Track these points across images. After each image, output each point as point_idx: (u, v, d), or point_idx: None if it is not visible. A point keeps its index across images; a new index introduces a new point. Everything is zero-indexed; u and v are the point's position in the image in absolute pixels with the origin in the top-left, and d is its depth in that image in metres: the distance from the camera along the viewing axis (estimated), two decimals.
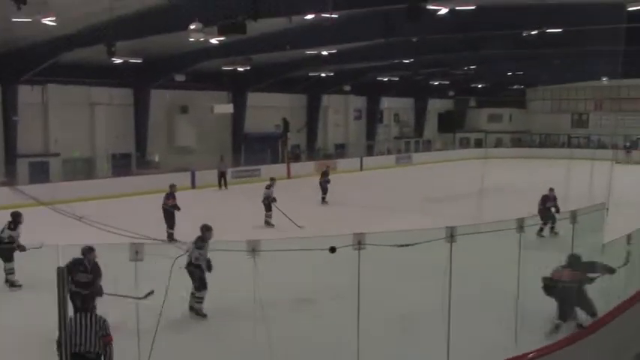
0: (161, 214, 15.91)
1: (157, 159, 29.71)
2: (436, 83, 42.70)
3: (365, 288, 6.91)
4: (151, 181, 25.56)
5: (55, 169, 26.07)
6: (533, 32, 21.20)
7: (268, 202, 17.85)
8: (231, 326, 9.39)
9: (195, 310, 9.72)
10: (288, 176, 31.00)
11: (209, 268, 9.61)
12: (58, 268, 5.68)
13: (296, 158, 35.20)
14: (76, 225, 10.01)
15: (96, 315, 6.33)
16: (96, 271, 8.71)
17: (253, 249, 6.93)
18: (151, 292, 7.73)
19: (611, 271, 8.84)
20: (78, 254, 8.72)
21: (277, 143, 35.19)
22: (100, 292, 8.38)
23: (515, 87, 49.46)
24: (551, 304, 8.88)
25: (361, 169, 35.90)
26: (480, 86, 46.96)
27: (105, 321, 6.30)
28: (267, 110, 34.63)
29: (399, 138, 46.06)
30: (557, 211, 15.17)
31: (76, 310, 6.21)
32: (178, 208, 15.73)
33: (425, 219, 16.52)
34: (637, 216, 14.36)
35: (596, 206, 9.87)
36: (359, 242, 6.52)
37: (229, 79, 31.20)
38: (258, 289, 9.29)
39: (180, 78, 28.36)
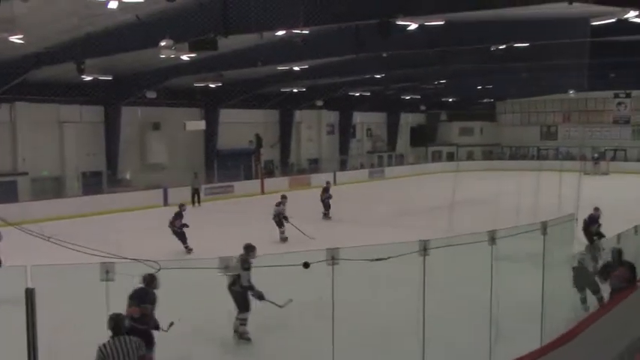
0: (134, 232, 15.84)
1: (128, 177, 29.36)
2: (407, 98, 43.09)
3: (340, 303, 6.89)
4: (123, 200, 25.39)
5: (24, 188, 25.60)
6: (500, 47, 21.56)
7: (279, 218, 18.10)
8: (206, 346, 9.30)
9: (239, 333, 9.41)
10: (262, 192, 30.93)
11: (260, 297, 9.26)
12: (27, 289, 5.58)
13: (269, 174, 35.16)
14: (45, 245, 9.82)
15: (130, 337, 6.17)
16: (154, 301, 7.91)
17: (226, 266, 6.89)
18: (172, 324, 7.53)
19: None
20: (47, 275, 8.48)
21: (250, 159, 35.11)
22: (157, 325, 7.65)
23: (484, 101, 50.20)
24: (525, 314, 8.96)
25: (335, 183, 35.92)
26: (450, 100, 47.57)
27: (140, 341, 6.22)
28: (240, 126, 34.56)
29: (372, 152, 46.29)
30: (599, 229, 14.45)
31: (114, 334, 6.05)
32: (187, 226, 16.14)
33: (398, 232, 16.58)
34: (606, 226, 14.63)
35: (566, 217, 10.00)
36: (332, 257, 6.50)
37: (201, 96, 31.13)
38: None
39: (151, 95, 28.11)
